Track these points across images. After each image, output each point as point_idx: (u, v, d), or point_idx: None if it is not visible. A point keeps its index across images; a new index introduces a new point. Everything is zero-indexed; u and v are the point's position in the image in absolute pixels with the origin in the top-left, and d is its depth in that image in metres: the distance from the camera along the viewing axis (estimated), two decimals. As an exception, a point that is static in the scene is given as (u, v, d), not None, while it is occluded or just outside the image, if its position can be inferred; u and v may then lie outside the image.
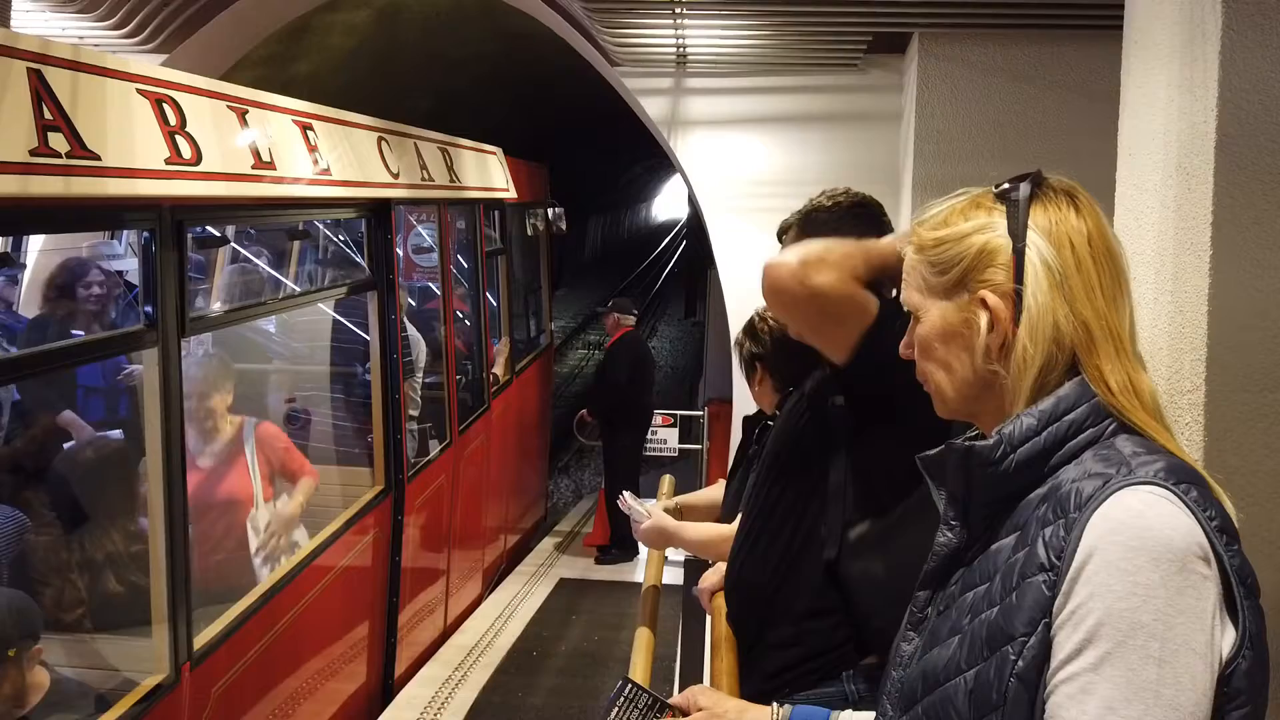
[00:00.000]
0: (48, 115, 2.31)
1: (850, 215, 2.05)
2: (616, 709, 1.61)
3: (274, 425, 4.01)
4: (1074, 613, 1.00)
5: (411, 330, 5.74)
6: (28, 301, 4.55)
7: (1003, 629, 1.05)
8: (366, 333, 4.86)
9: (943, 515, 1.21)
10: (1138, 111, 2.54)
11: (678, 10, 5.36)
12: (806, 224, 2.08)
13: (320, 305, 5.34)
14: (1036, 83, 5.43)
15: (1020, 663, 1.03)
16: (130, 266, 4.45)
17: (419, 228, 6.63)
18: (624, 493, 2.91)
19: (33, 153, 2.24)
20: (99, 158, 2.47)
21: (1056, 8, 5.07)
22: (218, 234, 4.58)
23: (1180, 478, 1.04)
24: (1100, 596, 0.99)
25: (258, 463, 3.81)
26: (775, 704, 1.51)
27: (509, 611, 6.51)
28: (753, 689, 1.99)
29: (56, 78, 2.39)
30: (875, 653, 1.91)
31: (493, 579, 7.06)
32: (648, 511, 2.78)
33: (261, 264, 5.55)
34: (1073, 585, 1.01)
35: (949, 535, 1.20)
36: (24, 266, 4.39)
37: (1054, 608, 1.02)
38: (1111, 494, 1.03)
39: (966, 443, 1.15)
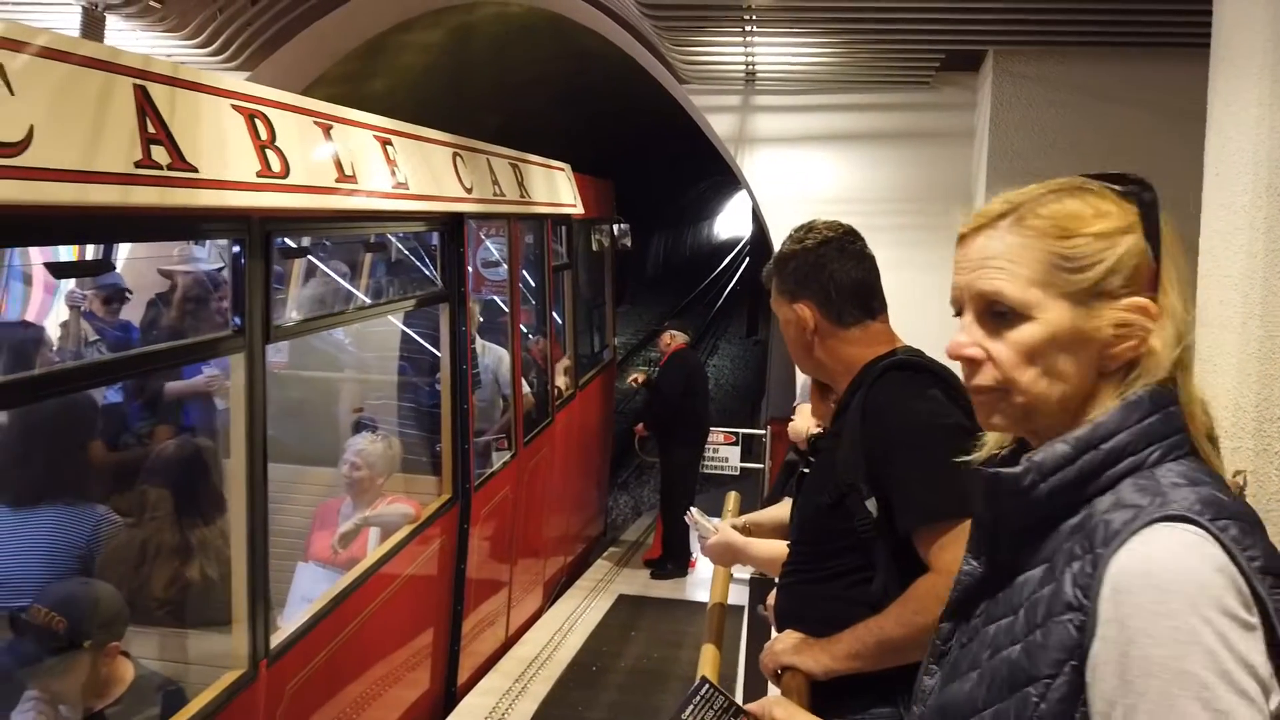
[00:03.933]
0: (151, 129, 2.41)
1: (815, 254, 2.04)
2: (692, 706, 1.62)
3: (404, 503, 4.45)
4: (1109, 659, 0.94)
5: (487, 344, 5.87)
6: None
7: (1025, 669, 1.00)
8: (436, 345, 4.95)
9: (968, 543, 1.15)
10: (1225, 130, 2.49)
11: (747, 28, 5.39)
12: (779, 269, 2.09)
13: (389, 317, 5.45)
14: (1115, 101, 5.34)
15: (1043, 705, 0.98)
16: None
17: (487, 242, 6.74)
18: (691, 509, 2.91)
19: (137, 164, 2.34)
20: (196, 170, 2.57)
21: (1138, 25, 4.99)
22: (295, 245, 4.72)
23: (1218, 513, 0.96)
24: (1137, 643, 0.92)
25: (380, 533, 4.25)
26: None
27: (569, 625, 6.54)
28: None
29: (158, 93, 2.49)
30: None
31: (553, 592, 7.10)
32: (715, 527, 2.78)
33: (334, 275, 5.69)
34: (1106, 629, 0.95)
35: (974, 564, 1.14)
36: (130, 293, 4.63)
37: (1085, 650, 0.96)
38: (1141, 529, 0.96)
39: (993, 470, 1.08)
